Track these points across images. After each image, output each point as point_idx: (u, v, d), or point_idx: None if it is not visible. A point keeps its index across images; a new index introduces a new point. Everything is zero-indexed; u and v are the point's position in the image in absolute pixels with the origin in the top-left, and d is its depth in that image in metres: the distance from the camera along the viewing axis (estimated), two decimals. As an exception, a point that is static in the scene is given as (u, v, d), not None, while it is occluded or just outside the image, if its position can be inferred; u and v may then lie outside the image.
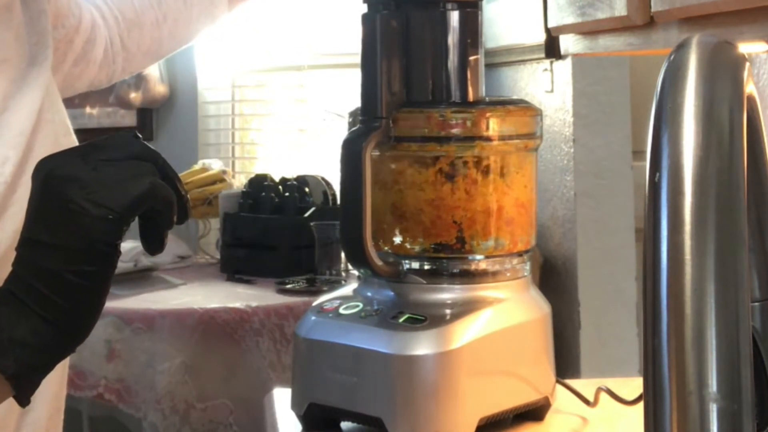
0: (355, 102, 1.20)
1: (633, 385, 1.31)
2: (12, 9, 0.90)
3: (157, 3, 1.27)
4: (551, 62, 2.79)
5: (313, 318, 1.21)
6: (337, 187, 2.10)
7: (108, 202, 0.76)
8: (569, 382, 1.30)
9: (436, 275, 1.18)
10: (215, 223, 3.28)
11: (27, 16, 0.92)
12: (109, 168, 0.77)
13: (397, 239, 1.18)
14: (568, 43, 1.28)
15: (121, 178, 0.77)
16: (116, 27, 1.24)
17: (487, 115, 1.17)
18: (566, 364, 2.67)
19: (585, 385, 1.30)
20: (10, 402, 0.80)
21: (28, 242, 0.78)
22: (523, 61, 2.96)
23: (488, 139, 1.17)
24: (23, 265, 0.78)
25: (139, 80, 3.54)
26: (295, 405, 1.22)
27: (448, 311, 1.15)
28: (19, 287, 0.78)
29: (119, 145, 0.79)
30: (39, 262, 0.77)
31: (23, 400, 0.78)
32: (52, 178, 0.77)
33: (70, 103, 1.14)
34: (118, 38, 1.24)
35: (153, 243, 0.81)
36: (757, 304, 0.71)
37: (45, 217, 0.77)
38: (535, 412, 1.22)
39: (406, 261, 1.18)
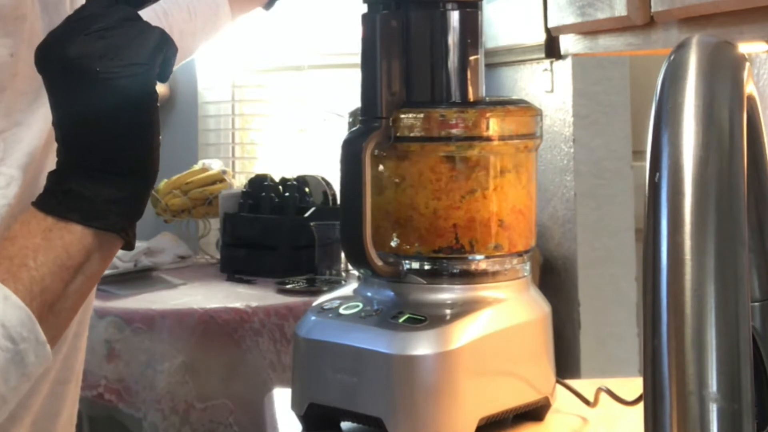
0: (355, 102, 1.20)
1: (633, 385, 1.31)
2: (25, 19, 0.87)
3: (163, 14, 1.27)
4: (551, 62, 2.79)
5: (313, 318, 1.21)
6: (337, 187, 2.10)
7: (133, 59, 0.80)
8: (569, 382, 1.30)
9: (436, 275, 1.18)
10: (215, 223, 3.28)
11: (47, 24, 0.89)
12: (113, 32, 0.80)
13: (397, 239, 1.18)
14: (568, 43, 1.28)
15: (131, 36, 0.81)
16: None
17: (487, 115, 1.17)
18: (566, 364, 2.67)
19: (585, 385, 1.30)
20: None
21: (73, 124, 0.81)
22: (523, 61, 2.96)
23: (488, 139, 1.17)
24: (73, 145, 0.82)
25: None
26: (295, 405, 1.22)
27: (448, 311, 1.15)
28: (82, 162, 0.81)
29: (105, 12, 0.81)
30: (89, 136, 0.81)
31: (131, 244, 0.85)
32: (69, 59, 0.79)
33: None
34: None
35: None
36: (757, 304, 0.71)
37: (81, 94, 0.80)
38: (535, 412, 1.22)
39: (406, 261, 1.18)
